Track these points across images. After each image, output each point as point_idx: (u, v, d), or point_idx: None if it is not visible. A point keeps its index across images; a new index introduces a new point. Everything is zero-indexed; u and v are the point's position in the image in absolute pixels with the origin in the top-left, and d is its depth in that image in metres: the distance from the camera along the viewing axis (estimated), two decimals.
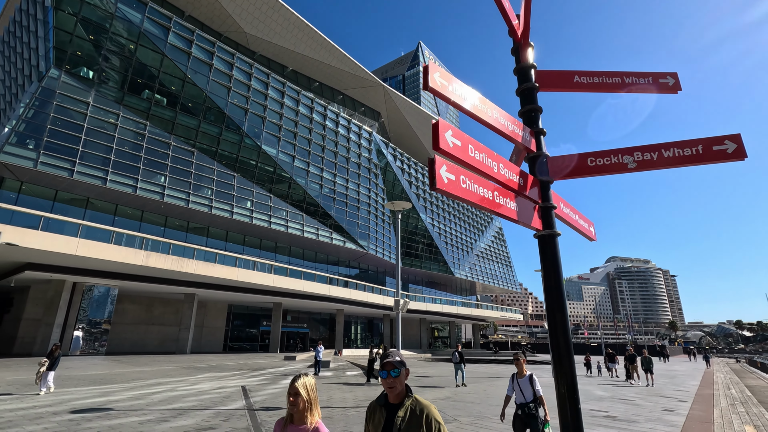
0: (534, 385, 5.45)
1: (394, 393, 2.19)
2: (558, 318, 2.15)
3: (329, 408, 10.78)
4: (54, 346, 11.80)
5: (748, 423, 9.97)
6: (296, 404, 2.37)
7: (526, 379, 5.54)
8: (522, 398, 5.45)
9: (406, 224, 54.82)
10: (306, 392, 2.39)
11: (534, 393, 5.42)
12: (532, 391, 5.44)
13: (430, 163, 1.71)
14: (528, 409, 5.33)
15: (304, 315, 49.82)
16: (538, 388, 5.43)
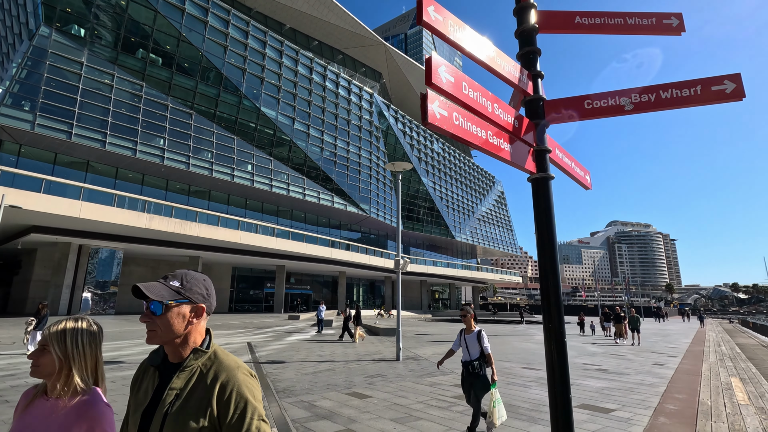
0: (482, 341, 4.98)
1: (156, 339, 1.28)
2: (548, 263, 2.19)
3: (331, 362, 11.21)
4: (41, 305, 11.52)
5: (735, 376, 10.36)
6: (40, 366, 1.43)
7: (474, 336, 5.06)
8: (467, 356, 4.99)
9: (407, 188, 54.71)
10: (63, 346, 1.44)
11: (481, 350, 4.96)
12: (479, 348, 4.97)
13: (423, 98, 1.69)
14: (472, 367, 4.89)
15: (307, 277, 50.77)
16: (485, 345, 4.95)
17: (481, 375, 4.85)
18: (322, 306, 21.27)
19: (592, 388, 8.18)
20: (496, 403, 4.61)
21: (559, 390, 2.11)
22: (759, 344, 21.23)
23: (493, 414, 4.56)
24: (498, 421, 4.57)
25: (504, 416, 4.68)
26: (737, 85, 2.06)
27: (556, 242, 2.17)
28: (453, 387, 7.96)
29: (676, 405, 6.86)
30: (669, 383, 8.85)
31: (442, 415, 5.91)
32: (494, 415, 4.56)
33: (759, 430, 5.60)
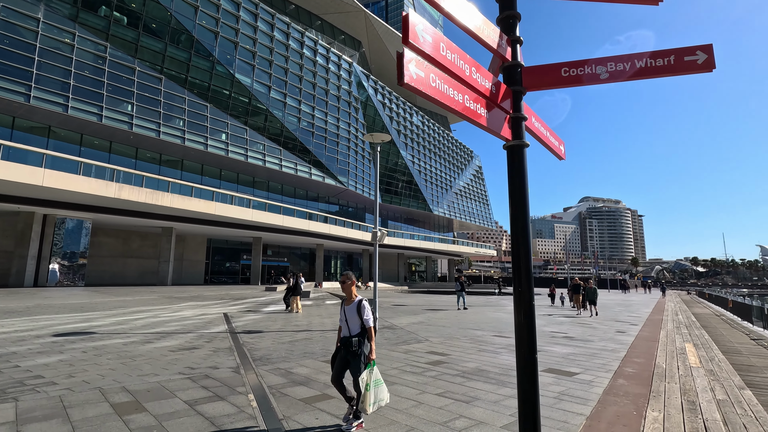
0: (362, 313, 4.20)
1: None
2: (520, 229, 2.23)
3: (309, 331, 11.34)
4: None
5: (689, 342, 11.08)
6: None
7: (354, 307, 4.26)
8: (347, 330, 4.24)
9: (386, 161, 54.41)
10: None
11: (362, 324, 4.20)
12: (359, 321, 4.20)
13: (399, 57, 1.65)
14: (350, 344, 4.13)
15: (284, 249, 50.57)
16: (366, 318, 4.19)
17: (359, 353, 4.11)
18: (300, 278, 21.16)
19: (558, 354, 8.59)
20: (370, 385, 3.97)
21: (526, 350, 2.20)
22: (713, 314, 22.67)
23: (365, 398, 3.93)
24: (371, 408, 3.94)
25: (384, 399, 4.11)
26: (708, 56, 2.09)
27: (528, 209, 2.21)
28: (427, 354, 8.22)
29: (634, 368, 7.31)
30: (629, 349, 9.39)
31: (415, 379, 6.12)
32: (366, 399, 3.93)
33: (707, 389, 6.05)
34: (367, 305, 4.27)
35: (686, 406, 5.11)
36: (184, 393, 5.23)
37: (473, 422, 4.31)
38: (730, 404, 5.37)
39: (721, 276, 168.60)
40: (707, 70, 2.07)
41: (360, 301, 4.27)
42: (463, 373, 6.59)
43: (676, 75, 2.15)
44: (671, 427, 4.35)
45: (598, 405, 5.02)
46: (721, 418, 4.72)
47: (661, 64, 2.15)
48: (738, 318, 19.85)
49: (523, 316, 2.14)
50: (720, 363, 8.30)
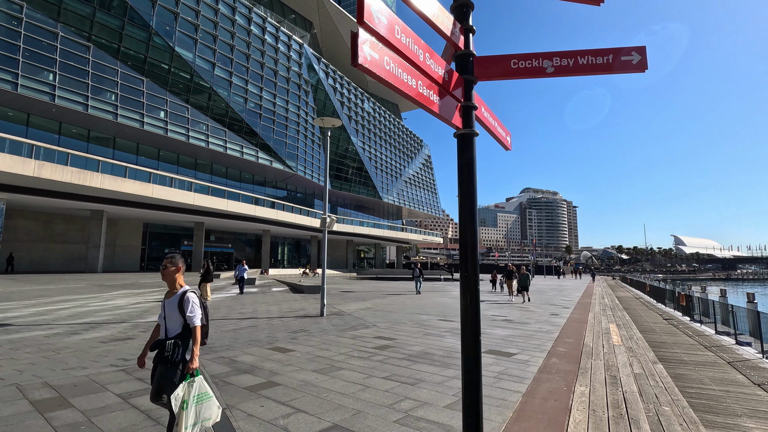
0: (185, 308, 3.20)
1: None
2: (467, 215, 2.28)
3: (254, 319, 11.07)
4: None
5: (613, 322, 12.15)
6: None
7: (175, 300, 3.25)
8: (164, 331, 3.24)
9: (336, 146, 53.76)
10: None
11: (184, 322, 3.21)
12: (181, 319, 3.21)
13: (353, 37, 1.60)
14: (164, 349, 3.13)
15: (228, 235, 48.67)
16: (191, 315, 3.18)
17: (175, 361, 3.11)
18: (244, 265, 20.35)
19: (498, 336, 9.06)
20: (189, 403, 2.94)
21: (471, 333, 2.28)
22: (633, 297, 24.97)
23: (180, 420, 2.90)
24: (194, 429, 2.95)
25: (211, 418, 3.08)
26: (642, 57, 2.25)
27: (476, 195, 2.27)
28: (374, 339, 8.33)
29: (565, 347, 7.89)
30: (561, 330, 10.11)
31: (362, 364, 6.19)
32: (181, 422, 2.89)
33: (627, 364, 6.68)
34: (192, 298, 3.25)
35: (609, 381, 5.62)
36: (116, 386, 4.91)
37: (418, 403, 4.44)
38: (645, 377, 5.98)
39: (642, 263, 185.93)
40: (641, 71, 2.23)
41: (184, 292, 3.25)
42: (409, 356, 6.76)
43: (613, 73, 2.29)
44: (596, 399, 4.76)
45: (533, 382, 5.37)
46: (637, 390, 5.24)
47: (601, 62, 2.28)
48: (654, 300, 22.00)
49: (470, 300, 2.22)
50: (638, 341, 9.19)
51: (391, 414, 4.10)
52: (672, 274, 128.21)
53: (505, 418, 4.03)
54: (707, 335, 10.49)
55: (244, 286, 20.58)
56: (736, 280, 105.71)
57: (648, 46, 2.28)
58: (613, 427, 3.90)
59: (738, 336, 10.12)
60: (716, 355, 7.92)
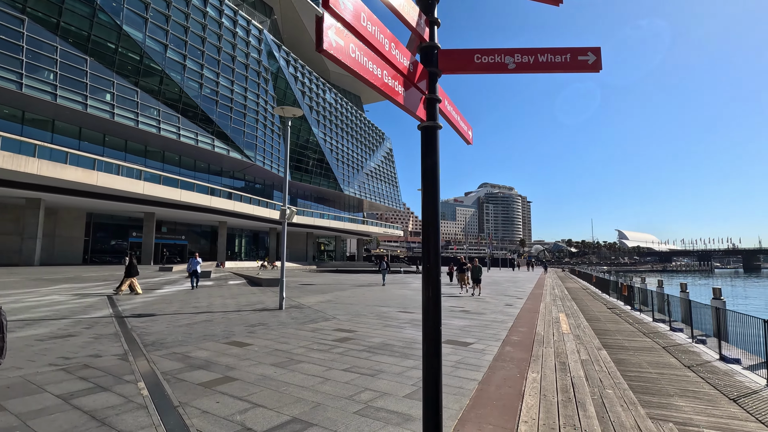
0: None
1: None
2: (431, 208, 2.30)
3: (209, 313, 10.70)
4: None
5: (562, 312, 12.80)
6: None
7: None
8: None
9: (297, 137, 52.70)
10: None
11: None
12: None
13: (318, 21, 1.56)
14: None
15: (182, 227, 46.64)
16: None
17: None
18: (197, 258, 19.16)
19: (455, 326, 9.30)
20: None
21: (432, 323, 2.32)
22: (581, 287, 26.41)
23: None
24: None
25: None
26: (597, 58, 2.34)
27: (439, 188, 2.29)
28: (334, 331, 8.30)
29: (519, 336, 8.23)
30: (515, 320, 10.53)
31: (322, 357, 6.15)
32: None
33: (575, 351, 7.08)
34: None
35: (558, 367, 5.93)
36: (56, 386, 4.58)
37: (378, 394, 4.48)
38: (591, 363, 6.36)
39: (589, 255, 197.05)
40: (595, 71, 2.33)
41: None
42: (369, 348, 6.80)
43: (570, 72, 2.38)
44: (547, 385, 5.01)
45: (489, 370, 5.56)
46: (584, 375, 5.57)
47: (559, 60, 2.36)
48: (599, 291, 23.39)
49: (431, 291, 2.25)
50: (584, 329, 9.74)
51: (351, 405, 4.11)
52: (616, 266, 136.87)
53: (461, 406, 4.15)
54: (646, 323, 11.29)
55: (199, 280, 19.48)
56: (671, 272, 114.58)
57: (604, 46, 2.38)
58: (562, 410, 4.12)
59: (672, 323, 10.99)
60: (653, 341, 8.54)
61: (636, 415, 4.16)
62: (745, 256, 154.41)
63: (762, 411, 4.57)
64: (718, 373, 6.18)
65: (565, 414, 4.05)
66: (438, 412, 2.37)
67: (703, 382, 5.62)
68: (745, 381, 5.79)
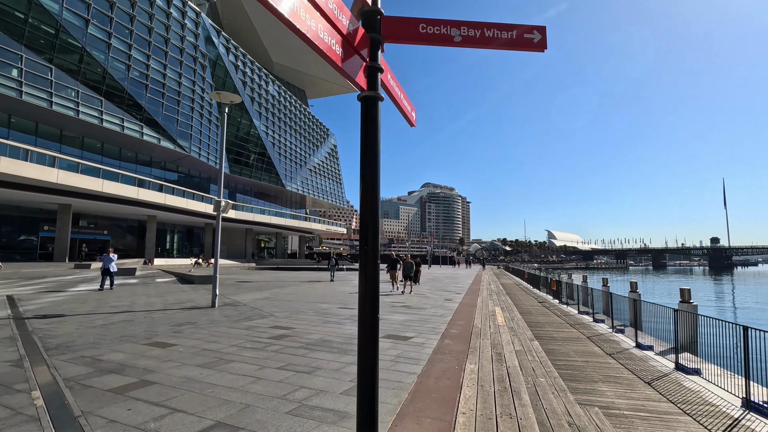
0: None
1: None
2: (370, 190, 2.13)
3: (130, 312, 9.76)
4: None
5: (498, 305, 13.30)
6: None
7: None
8: None
9: (236, 129, 50.31)
10: None
11: None
12: None
13: None
14: None
15: (105, 220, 42.63)
16: None
17: None
18: (112, 254, 15.92)
19: (396, 321, 9.25)
20: None
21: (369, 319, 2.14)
22: (514, 283, 27.80)
23: None
24: None
25: None
26: (542, 37, 2.30)
27: (379, 166, 2.12)
28: (271, 329, 7.89)
29: (457, 329, 8.35)
30: (454, 314, 10.73)
31: (256, 355, 5.78)
32: None
33: (510, 342, 7.29)
34: None
35: (495, 358, 6.05)
36: None
37: (313, 392, 4.24)
38: (525, 353, 6.57)
39: (521, 254, 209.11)
40: (540, 50, 2.29)
41: None
42: (306, 344, 6.51)
43: (515, 50, 2.32)
44: (484, 375, 5.06)
45: (428, 363, 5.53)
46: (518, 365, 5.72)
47: (505, 37, 2.29)
48: (531, 286, 24.75)
49: (368, 282, 2.07)
50: (518, 321, 10.15)
51: (284, 405, 3.83)
52: (545, 263, 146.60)
53: (400, 400, 4.04)
54: (572, 315, 12.02)
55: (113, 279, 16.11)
56: (593, 269, 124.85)
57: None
58: (499, 400, 4.16)
59: (595, 315, 11.81)
60: (579, 332, 9.07)
61: (566, 402, 4.30)
62: (654, 255, 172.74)
63: (672, 392, 4.95)
64: (634, 359, 6.65)
65: (501, 403, 4.08)
66: (374, 407, 2.21)
67: (623, 368, 6.00)
68: (657, 366, 6.27)
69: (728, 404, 4.64)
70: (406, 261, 17.85)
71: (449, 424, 3.48)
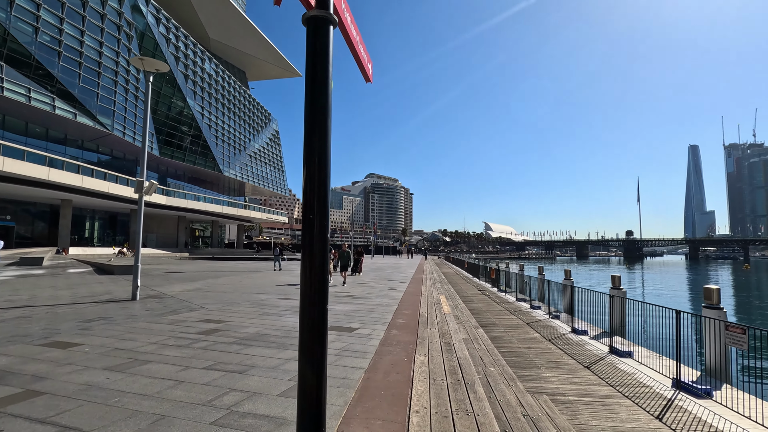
0: None
1: None
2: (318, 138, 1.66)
3: (29, 308, 8.41)
4: None
5: (442, 294, 13.33)
6: None
7: None
8: None
9: (168, 108, 46.47)
10: None
11: None
12: None
13: None
14: None
15: (8, 204, 37.53)
16: None
17: None
18: None
19: (340, 311, 8.83)
20: None
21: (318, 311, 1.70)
22: (455, 272, 28.47)
23: None
24: None
25: None
26: None
27: (331, 114, 1.65)
28: (200, 323, 7.12)
29: (404, 319, 8.10)
30: (399, 303, 10.52)
31: (179, 354, 5.06)
32: None
33: (457, 331, 7.16)
34: None
35: (444, 348, 5.84)
36: None
37: (246, 395, 3.70)
38: (471, 341, 6.45)
39: (460, 244, 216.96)
40: None
41: None
42: (240, 339, 5.88)
43: None
44: (435, 368, 4.79)
45: (375, 356, 5.17)
46: (468, 354, 5.55)
47: None
48: (470, 275, 25.46)
49: (316, 256, 1.62)
50: (462, 309, 10.15)
51: (209, 413, 3.26)
52: (482, 254, 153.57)
53: (346, 400, 3.63)
54: (510, 302, 12.33)
55: None
56: (525, 259, 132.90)
57: None
58: (453, 394, 3.89)
59: (532, 302, 12.21)
60: (518, 318, 9.24)
61: (517, 391, 4.16)
62: (578, 246, 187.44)
63: (610, 375, 5.03)
64: (572, 344, 6.80)
65: (456, 398, 3.81)
66: (320, 411, 1.79)
67: (563, 353, 6.07)
68: (593, 350, 6.44)
69: (661, 385, 4.78)
70: (342, 250, 16.44)
71: (402, 426, 3.13)
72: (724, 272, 62.35)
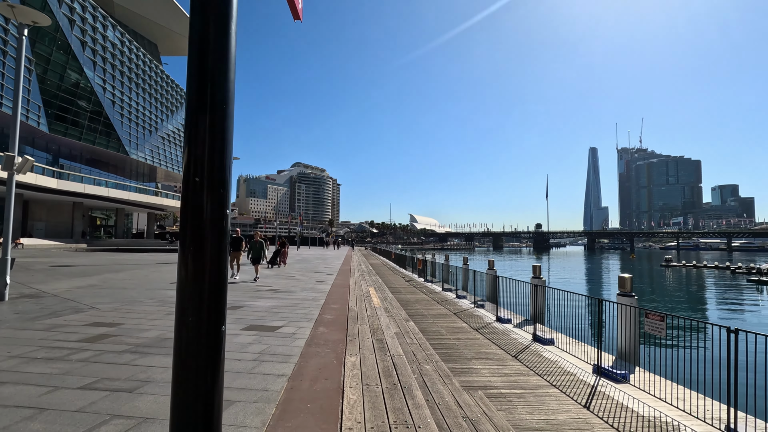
0: None
1: None
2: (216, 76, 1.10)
3: None
4: None
5: (371, 286, 13.03)
6: None
7: None
8: None
9: (60, 77, 40.38)
10: None
11: None
12: None
13: None
14: None
15: None
16: None
17: None
18: None
19: (262, 307, 8.08)
20: None
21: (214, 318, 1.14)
22: (382, 263, 28.51)
23: None
24: None
25: None
26: None
27: (235, 34, 1.10)
28: (87, 327, 5.96)
29: (332, 314, 7.60)
30: (327, 296, 9.98)
31: (49, 369, 4.06)
32: None
33: (389, 326, 6.84)
34: None
35: (377, 345, 5.45)
36: None
37: (132, 423, 2.94)
38: (403, 335, 6.16)
39: (387, 236, 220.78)
40: None
41: None
42: (136, 347, 4.95)
43: None
44: (368, 370, 4.37)
45: (301, 359, 4.62)
46: (402, 352, 5.22)
47: None
48: (397, 266, 25.63)
49: (197, 269, 1.08)
50: (392, 301, 9.92)
51: None
52: (408, 245, 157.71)
53: (265, 419, 3.05)
54: (437, 292, 12.41)
55: None
56: (447, 250, 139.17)
57: None
58: (390, 402, 3.49)
59: (457, 291, 12.41)
60: (446, 308, 9.22)
61: (453, 390, 3.92)
62: (494, 238, 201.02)
63: (536, 364, 5.04)
64: (498, 333, 6.84)
65: (393, 407, 3.41)
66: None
67: (490, 343, 6.05)
68: (518, 338, 6.51)
69: (584, 372, 4.87)
70: (255, 241, 14.61)
71: None
72: (615, 261, 70.62)
